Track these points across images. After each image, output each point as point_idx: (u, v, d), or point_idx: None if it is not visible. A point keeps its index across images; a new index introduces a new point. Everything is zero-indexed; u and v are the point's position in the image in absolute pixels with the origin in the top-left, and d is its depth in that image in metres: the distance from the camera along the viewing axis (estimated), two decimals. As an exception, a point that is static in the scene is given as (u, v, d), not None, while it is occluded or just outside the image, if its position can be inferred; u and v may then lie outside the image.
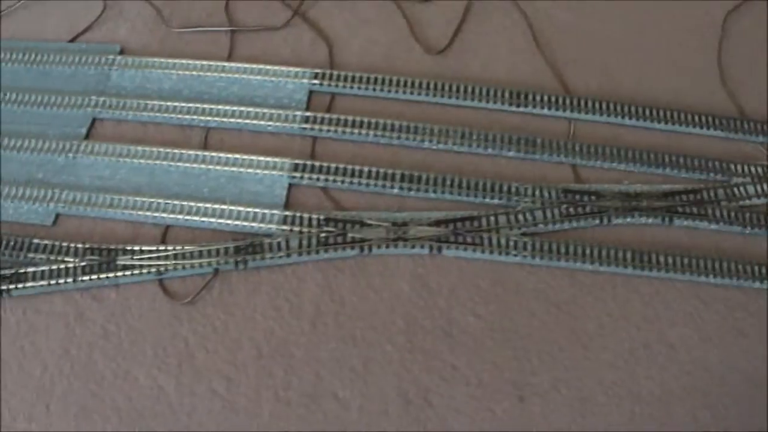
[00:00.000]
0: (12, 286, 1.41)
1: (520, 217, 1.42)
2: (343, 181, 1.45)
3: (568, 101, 1.53)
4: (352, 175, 1.45)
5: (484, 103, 1.53)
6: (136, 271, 1.40)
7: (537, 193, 1.44)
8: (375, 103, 1.56)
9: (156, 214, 1.44)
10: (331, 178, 1.45)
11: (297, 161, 1.46)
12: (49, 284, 1.40)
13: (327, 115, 1.51)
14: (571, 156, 1.47)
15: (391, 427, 1.28)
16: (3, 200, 1.49)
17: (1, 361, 1.37)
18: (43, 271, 1.41)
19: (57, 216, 1.48)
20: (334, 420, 1.29)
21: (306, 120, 1.51)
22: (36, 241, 1.45)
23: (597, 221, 1.42)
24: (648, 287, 1.38)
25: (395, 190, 1.44)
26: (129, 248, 1.42)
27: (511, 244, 1.39)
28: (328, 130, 1.50)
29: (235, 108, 1.53)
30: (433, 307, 1.37)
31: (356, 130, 1.50)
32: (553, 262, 1.38)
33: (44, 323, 1.41)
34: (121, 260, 1.40)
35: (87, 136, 1.56)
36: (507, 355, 1.33)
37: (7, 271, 1.42)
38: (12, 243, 1.46)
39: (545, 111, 1.53)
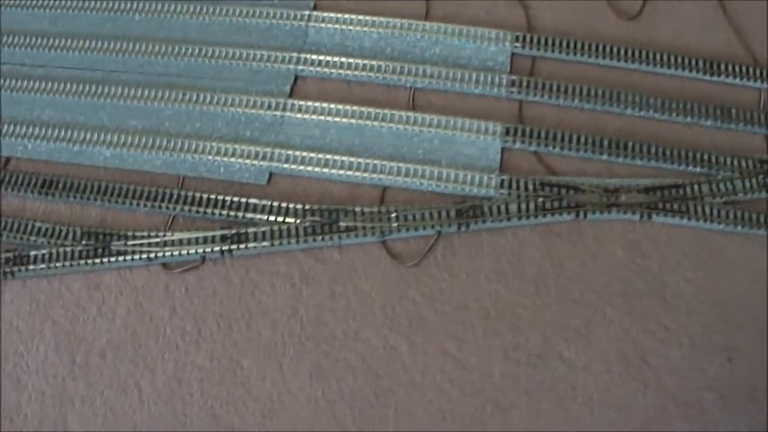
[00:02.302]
0: (234, 247, 1.37)
1: (722, 186, 1.41)
2: (554, 146, 1.41)
3: (758, 72, 1.50)
4: (562, 140, 1.42)
5: (679, 71, 1.49)
6: (359, 233, 1.36)
7: (735, 162, 1.42)
8: (573, 68, 1.52)
9: (374, 176, 1.40)
10: (542, 142, 1.42)
11: (508, 125, 1.42)
12: (272, 245, 1.36)
13: (533, 80, 1.47)
14: (765, 126, 1.46)
15: (615, 386, 1.28)
16: (213, 157, 1.44)
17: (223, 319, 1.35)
18: (263, 232, 1.38)
19: (270, 175, 1.43)
20: (560, 379, 1.28)
21: (512, 84, 1.46)
22: (253, 201, 1.40)
23: (793, 191, 1.41)
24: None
25: (603, 156, 1.41)
26: (350, 209, 1.38)
27: (715, 212, 1.38)
28: (535, 95, 1.46)
29: (441, 69, 1.47)
30: (646, 272, 1.36)
31: (561, 96, 1.46)
32: (753, 230, 1.37)
33: (269, 283, 1.38)
34: (344, 221, 1.37)
35: (291, 94, 1.49)
36: (715, 318, 1.32)
37: (227, 231, 1.38)
38: (228, 203, 1.41)
39: (737, 81, 1.50)
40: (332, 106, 1.45)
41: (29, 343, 1.38)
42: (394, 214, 1.36)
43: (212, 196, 1.40)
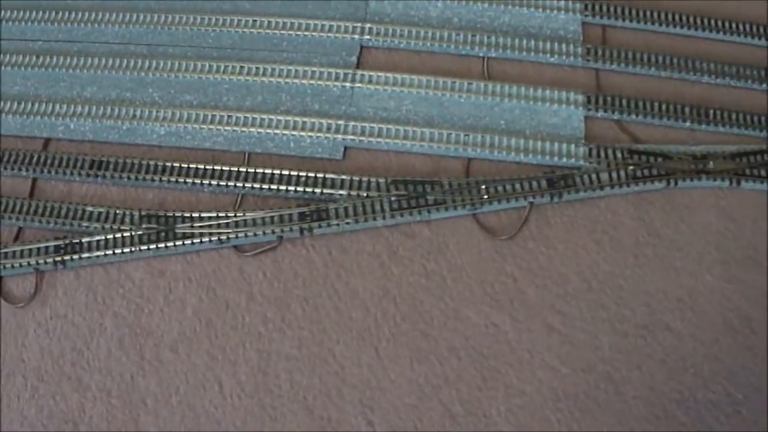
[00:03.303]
0: (315, 224, 1.23)
1: (805, 151, 1.34)
2: (636, 114, 1.33)
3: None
4: (645, 108, 1.34)
5: (748, 39, 1.43)
6: (449, 206, 1.24)
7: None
8: (643, 36, 1.44)
9: (458, 147, 1.28)
10: (625, 110, 1.33)
11: (589, 94, 1.33)
12: (356, 221, 1.23)
13: (608, 49, 1.38)
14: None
15: (725, 355, 1.19)
16: (281, 132, 1.30)
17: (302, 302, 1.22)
18: (346, 208, 1.24)
19: (345, 149, 1.30)
20: (671, 350, 1.19)
21: (587, 52, 1.37)
22: (330, 176, 1.26)
23: None
24: None
25: (686, 124, 1.33)
26: (437, 181, 1.26)
27: (801, 176, 1.31)
28: (611, 63, 1.37)
29: (514, 39, 1.37)
30: (740, 238, 1.28)
31: (638, 64, 1.37)
32: (840, 194, 1.31)
33: (355, 263, 1.24)
34: (431, 194, 1.25)
35: (358, 65, 1.36)
36: (818, 283, 1.25)
37: (305, 209, 1.24)
38: (303, 178, 1.27)
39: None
40: (405, 76, 1.32)
41: (89, 339, 1.20)
42: (483, 186, 1.24)
43: (284, 172, 1.25)
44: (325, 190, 1.24)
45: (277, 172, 1.26)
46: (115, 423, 1.16)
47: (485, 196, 1.24)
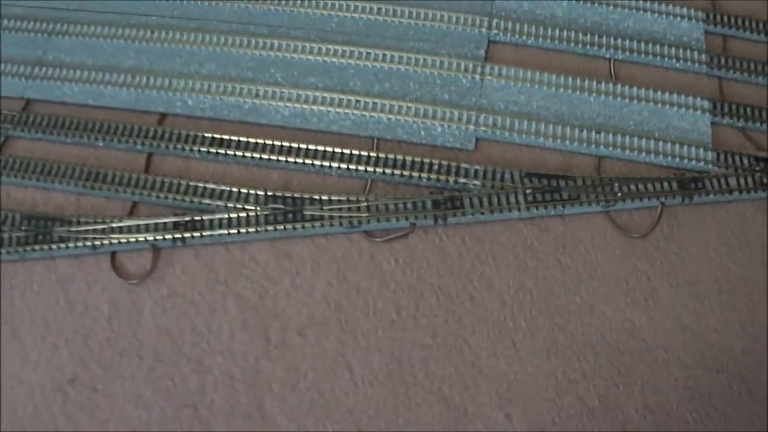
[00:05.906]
0: (449, 213, 1.20)
1: None
2: (761, 122, 1.33)
3: None
4: (768, 117, 1.34)
5: None
6: (583, 202, 1.22)
7: None
8: (764, 48, 1.44)
9: (589, 145, 1.27)
10: (750, 119, 1.33)
11: (714, 100, 1.33)
12: (491, 212, 1.20)
13: (731, 58, 1.38)
14: None
15: None
16: (412, 119, 1.28)
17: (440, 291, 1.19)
18: (480, 198, 1.22)
19: (476, 140, 1.27)
20: (801, 357, 1.18)
21: (711, 60, 1.37)
22: (464, 165, 1.24)
23: None
24: None
25: (812, 137, 1.34)
26: (571, 177, 1.24)
27: None
28: (734, 72, 1.37)
29: (640, 43, 1.37)
30: None
31: (761, 75, 1.38)
32: None
33: (490, 253, 1.21)
34: (566, 190, 1.23)
35: (486, 58, 1.35)
36: None
37: (439, 197, 1.21)
38: (436, 167, 1.24)
39: None
40: (534, 72, 1.31)
41: (209, 320, 1.15)
42: (616, 184, 1.22)
43: (416, 159, 1.22)
44: (458, 180, 1.21)
45: (408, 158, 1.23)
46: (239, 407, 1.10)
47: (618, 194, 1.22)
